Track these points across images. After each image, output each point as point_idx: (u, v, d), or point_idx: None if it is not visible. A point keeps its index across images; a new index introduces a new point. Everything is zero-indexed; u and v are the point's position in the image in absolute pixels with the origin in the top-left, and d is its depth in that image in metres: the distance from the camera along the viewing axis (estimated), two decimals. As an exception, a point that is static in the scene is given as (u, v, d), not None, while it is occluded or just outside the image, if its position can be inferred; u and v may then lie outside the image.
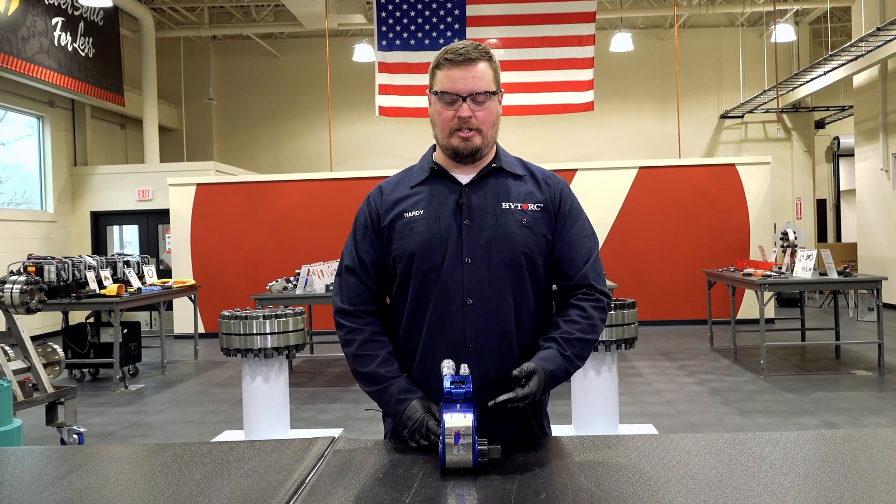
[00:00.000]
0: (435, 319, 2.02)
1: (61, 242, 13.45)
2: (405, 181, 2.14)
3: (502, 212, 2.04)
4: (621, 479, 1.65)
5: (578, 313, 2.04)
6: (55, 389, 5.43)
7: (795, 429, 5.86)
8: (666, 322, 11.75)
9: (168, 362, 9.45)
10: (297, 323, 5.67)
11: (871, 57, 12.42)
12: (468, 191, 2.05)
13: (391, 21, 12.85)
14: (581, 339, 2.01)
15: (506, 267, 2.01)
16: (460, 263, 2.00)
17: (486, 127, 2.04)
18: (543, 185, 2.12)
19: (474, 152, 2.04)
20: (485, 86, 2.01)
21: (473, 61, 2.01)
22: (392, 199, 2.10)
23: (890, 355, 8.50)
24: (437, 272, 2.01)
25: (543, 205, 2.08)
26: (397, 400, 1.97)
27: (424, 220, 2.04)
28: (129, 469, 1.91)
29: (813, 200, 17.83)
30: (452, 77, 2.01)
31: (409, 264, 2.04)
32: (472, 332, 2.00)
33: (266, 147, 17.96)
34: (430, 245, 2.02)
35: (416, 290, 2.04)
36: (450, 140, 2.04)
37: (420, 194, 2.08)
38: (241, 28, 16.53)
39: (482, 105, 2.02)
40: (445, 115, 2.03)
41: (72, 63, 12.24)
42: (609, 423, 5.40)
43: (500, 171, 2.10)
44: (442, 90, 2.02)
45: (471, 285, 2.00)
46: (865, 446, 1.88)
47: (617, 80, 16.95)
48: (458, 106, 2.01)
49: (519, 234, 2.03)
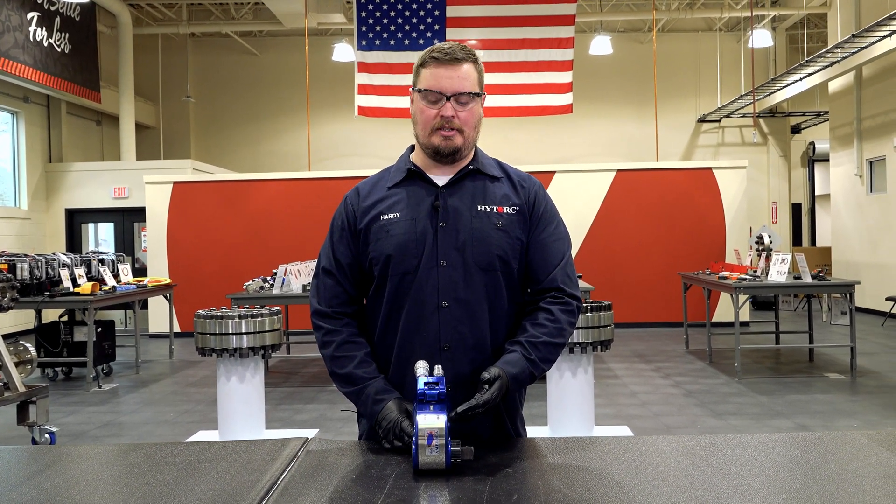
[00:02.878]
0: (410, 321, 2.02)
1: (35, 240, 13.30)
2: (382, 182, 2.13)
3: (478, 214, 2.03)
4: (593, 480, 1.66)
5: (546, 317, 2.04)
6: (27, 388, 5.37)
7: (768, 431, 5.92)
8: (642, 324, 11.82)
9: (142, 361, 9.38)
10: (273, 323, 5.64)
11: (847, 63, 12.57)
12: (444, 193, 2.05)
13: (371, 21, 12.83)
14: (547, 342, 2.01)
15: (480, 270, 2.01)
16: (436, 266, 2.00)
17: (468, 128, 2.04)
18: (519, 188, 2.11)
19: (454, 152, 2.04)
20: (469, 87, 2.01)
21: (459, 61, 2.01)
22: (369, 202, 2.09)
23: (862, 359, 8.59)
24: (412, 274, 2.01)
25: (519, 208, 2.08)
26: (374, 400, 1.97)
27: (401, 222, 2.03)
28: (100, 469, 1.89)
29: (788, 205, 18.01)
30: (438, 76, 2.00)
31: (386, 267, 2.03)
32: (446, 335, 2.00)
33: (244, 146, 17.86)
34: (406, 248, 2.01)
35: (393, 292, 2.03)
36: (431, 139, 2.03)
37: (397, 196, 2.07)
38: (220, 26, 16.44)
39: (465, 106, 2.01)
40: (428, 114, 2.02)
41: (47, 58, 12.11)
42: (584, 425, 5.42)
43: (478, 173, 2.10)
44: (426, 88, 2.02)
45: (446, 288, 2.00)
46: (835, 449, 1.90)
47: (596, 83, 17.04)
48: (441, 105, 2.00)
49: (494, 236, 2.03)
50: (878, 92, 12.95)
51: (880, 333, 10.98)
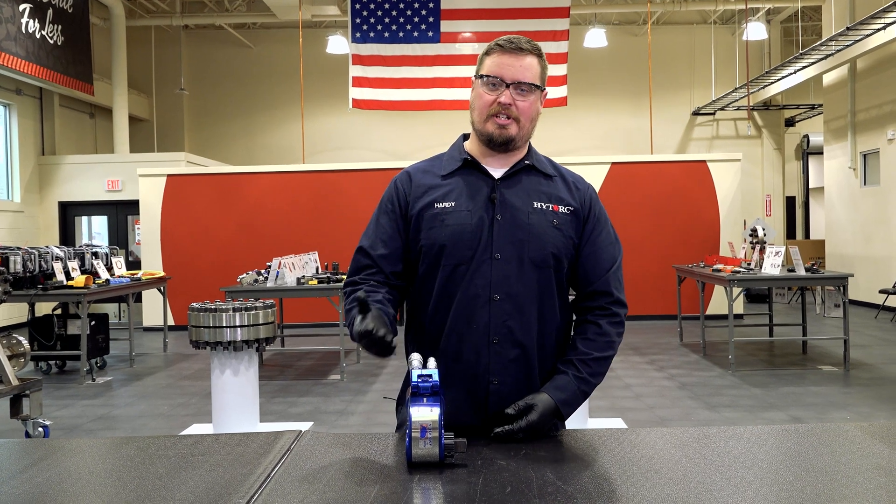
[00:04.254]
0: (461, 312, 2.00)
1: (28, 233, 13.25)
2: (434, 169, 2.11)
3: (534, 210, 2.03)
4: (587, 473, 1.66)
5: (595, 330, 2.08)
6: (20, 382, 5.35)
7: (762, 423, 5.93)
8: (636, 317, 11.82)
9: (136, 355, 9.36)
10: (267, 316, 5.63)
11: (841, 56, 12.57)
12: (501, 185, 2.04)
13: (365, 13, 12.79)
14: (598, 358, 2.06)
15: (534, 266, 2.01)
16: (489, 259, 1.99)
17: (525, 119, 2.02)
18: (574, 189, 2.12)
19: (508, 141, 2.02)
20: (530, 77, 2.00)
21: (524, 52, 2.00)
22: (422, 187, 2.07)
23: (855, 351, 8.62)
24: (466, 266, 2.00)
25: (573, 209, 2.08)
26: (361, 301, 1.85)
27: (456, 212, 2.01)
28: (92, 462, 1.89)
29: (782, 197, 18.04)
30: (500, 63, 2.00)
31: (438, 256, 2.01)
32: (496, 328, 1.99)
33: (238, 138, 17.82)
34: (461, 238, 2.00)
35: (444, 281, 2.02)
36: (486, 125, 2.02)
37: (451, 185, 2.06)
38: (214, 18, 16.38)
39: (524, 95, 2.00)
40: (486, 99, 2.01)
41: (40, 50, 12.04)
42: (578, 418, 5.41)
43: (532, 170, 2.09)
44: (487, 73, 2.01)
45: (498, 281, 1.99)
46: (827, 441, 1.91)
47: (590, 75, 17.02)
48: (500, 91, 1.99)
49: (550, 234, 2.03)
50: (872, 85, 12.97)
51: (873, 326, 11.02)
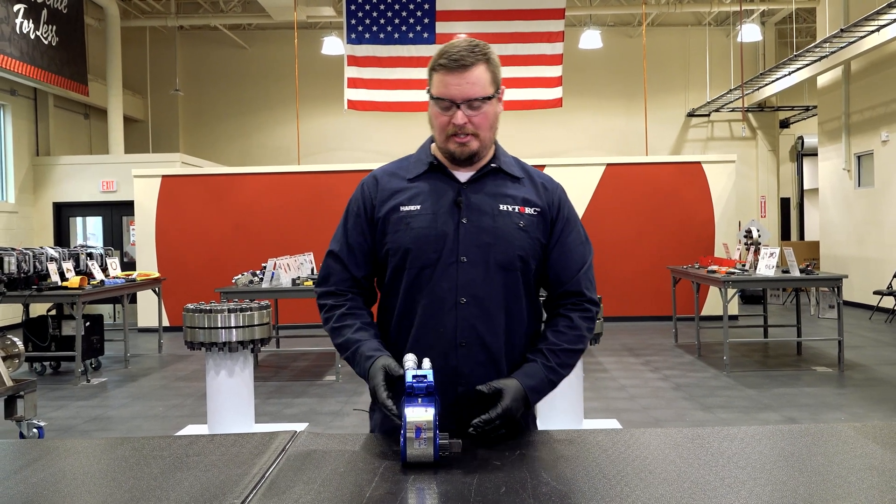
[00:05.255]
0: (427, 316, 2.00)
1: (23, 233, 13.22)
2: (401, 172, 2.11)
3: (500, 213, 2.02)
4: (581, 473, 1.66)
5: (566, 323, 2.07)
6: (14, 383, 5.34)
7: (756, 424, 5.95)
8: (631, 318, 11.84)
9: (131, 356, 9.35)
10: (262, 317, 5.63)
11: (835, 58, 12.61)
12: (467, 189, 2.04)
13: (360, 14, 12.79)
14: (567, 350, 2.04)
15: (501, 268, 2.01)
16: (455, 262, 1.99)
17: (483, 131, 2.00)
18: (542, 190, 2.10)
19: (471, 156, 2.02)
20: (480, 91, 1.96)
21: (468, 67, 1.95)
22: (388, 190, 2.07)
23: (849, 352, 8.64)
24: (431, 269, 1.99)
25: (541, 210, 2.07)
26: (365, 357, 1.96)
27: (422, 215, 2.01)
28: (87, 463, 1.89)
29: (777, 199, 18.08)
30: (447, 83, 1.96)
31: (404, 259, 2.01)
32: (463, 332, 1.99)
33: (233, 139, 17.80)
34: (426, 241, 1.99)
35: (409, 285, 2.02)
36: (447, 144, 2.01)
37: (417, 188, 2.05)
38: (209, 18, 16.36)
39: (478, 110, 1.97)
40: (441, 120, 1.99)
41: (34, 51, 12.01)
42: (573, 419, 5.44)
43: (499, 172, 2.08)
44: (437, 96, 1.98)
45: (465, 284, 1.99)
46: (821, 441, 1.91)
47: (585, 77, 17.04)
48: (452, 112, 1.97)
49: (516, 236, 2.02)
50: (867, 87, 13.00)
51: (867, 327, 11.05)
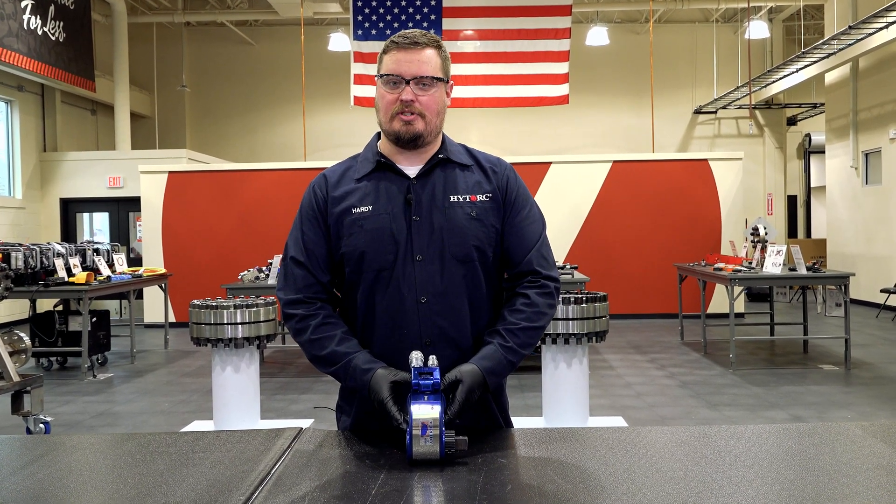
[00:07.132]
0: (389, 317, 1.98)
1: (30, 229, 13.26)
2: (350, 172, 2.07)
3: (451, 205, 1.99)
4: (588, 471, 1.65)
5: (523, 301, 2.01)
6: (21, 378, 5.36)
7: (763, 422, 5.93)
8: (637, 315, 11.83)
9: (137, 351, 9.37)
10: (268, 313, 5.63)
11: (843, 55, 12.55)
12: (416, 185, 2.00)
13: (367, 10, 12.78)
14: (525, 328, 1.98)
15: (458, 262, 1.98)
16: (412, 260, 1.96)
17: (430, 113, 1.98)
18: (491, 174, 2.07)
19: (416, 137, 1.98)
20: (430, 70, 1.96)
21: (420, 46, 1.97)
22: (339, 192, 2.03)
23: (856, 350, 8.61)
24: (388, 270, 1.97)
25: (492, 194, 2.04)
26: (362, 371, 1.90)
27: (374, 216, 1.98)
28: (93, 458, 1.89)
29: (784, 196, 18.02)
30: (398, 60, 1.96)
31: (360, 262, 1.98)
32: (427, 329, 1.96)
33: (240, 135, 17.81)
34: (380, 243, 1.96)
35: (368, 288, 1.99)
36: (391, 124, 1.98)
37: (367, 188, 2.02)
38: (216, 15, 16.38)
39: (426, 90, 1.96)
40: (388, 98, 1.98)
41: (41, 47, 12.04)
42: (579, 416, 5.43)
43: (448, 162, 2.05)
44: (386, 72, 1.98)
45: (423, 282, 1.96)
46: (828, 440, 1.90)
47: (592, 73, 17.00)
48: (401, 89, 1.96)
49: (469, 227, 1.99)
50: (875, 84, 12.95)
51: (875, 325, 11.01)
